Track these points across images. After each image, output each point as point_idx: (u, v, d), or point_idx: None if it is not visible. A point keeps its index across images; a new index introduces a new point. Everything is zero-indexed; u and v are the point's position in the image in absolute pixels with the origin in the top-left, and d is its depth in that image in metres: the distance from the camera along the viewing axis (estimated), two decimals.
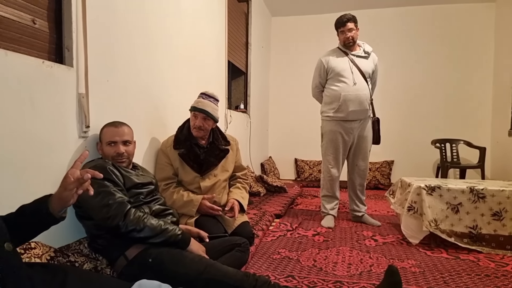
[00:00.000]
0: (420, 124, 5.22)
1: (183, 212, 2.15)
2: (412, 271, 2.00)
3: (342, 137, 2.94)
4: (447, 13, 5.10)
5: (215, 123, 2.29)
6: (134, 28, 2.11)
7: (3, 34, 1.38)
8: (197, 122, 2.19)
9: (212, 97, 2.28)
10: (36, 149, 1.46)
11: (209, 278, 1.43)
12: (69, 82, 1.62)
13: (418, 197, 2.43)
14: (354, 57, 2.92)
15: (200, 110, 2.19)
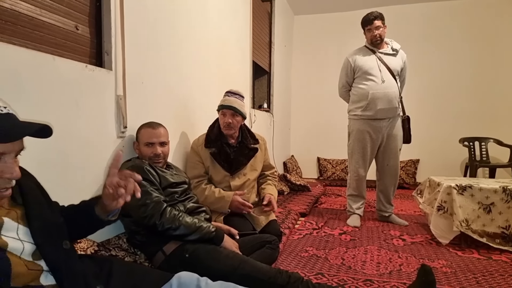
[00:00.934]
0: (447, 122, 5.11)
1: (215, 208, 2.18)
2: (444, 271, 1.99)
3: (370, 136, 2.92)
4: (475, 8, 4.97)
5: (243, 119, 2.32)
6: (164, 32, 2.17)
7: (50, 40, 1.46)
8: (226, 120, 2.23)
9: (237, 94, 2.32)
10: (79, 148, 1.54)
11: (244, 274, 1.48)
12: (108, 85, 1.70)
13: (448, 196, 2.41)
14: (382, 55, 2.90)
15: (227, 107, 2.23)
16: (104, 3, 1.69)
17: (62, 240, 0.99)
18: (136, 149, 1.81)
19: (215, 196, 2.18)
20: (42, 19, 1.42)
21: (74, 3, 1.57)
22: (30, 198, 0.97)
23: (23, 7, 1.34)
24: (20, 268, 0.86)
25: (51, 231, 0.97)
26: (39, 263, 0.91)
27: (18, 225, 0.91)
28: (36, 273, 0.90)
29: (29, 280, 0.88)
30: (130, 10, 1.80)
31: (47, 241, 0.94)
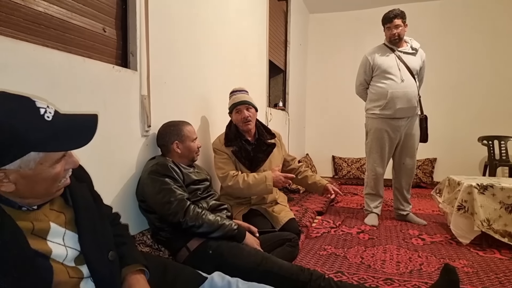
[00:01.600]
0: (465, 120, 5.04)
1: (259, 191, 2.16)
2: (465, 271, 1.98)
3: (388, 135, 2.91)
4: (494, 3, 4.87)
5: (256, 112, 2.37)
6: (185, 33, 2.21)
7: (80, 42, 1.51)
8: (242, 115, 2.26)
9: (242, 90, 2.38)
10: (107, 146, 1.59)
11: (266, 270, 1.50)
12: (133, 85, 1.74)
13: (469, 196, 2.39)
14: (401, 54, 2.88)
15: (239, 103, 2.27)
16: (129, 5, 1.73)
17: (108, 251, 0.99)
18: (178, 148, 1.83)
19: (255, 178, 2.15)
20: (73, 22, 1.47)
21: (102, 6, 1.62)
22: (81, 202, 0.96)
23: (55, 10, 1.39)
24: (62, 275, 0.86)
25: (98, 240, 0.96)
26: (81, 269, 0.91)
27: (65, 231, 0.91)
28: (77, 280, 0.90)
29: (69, 287, 0.88)
30: (154, 12, 1.84)
31: (94, 249, 0.93)
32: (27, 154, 0.76)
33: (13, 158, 0.76)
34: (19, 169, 0.77)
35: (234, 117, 2.32)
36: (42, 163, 0.79)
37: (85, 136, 0.85)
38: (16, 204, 0.82)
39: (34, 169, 0.79)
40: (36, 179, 0.80)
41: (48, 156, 0.80)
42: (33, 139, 0.76)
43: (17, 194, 0.80)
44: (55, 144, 0.80)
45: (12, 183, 0.78)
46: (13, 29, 1.23)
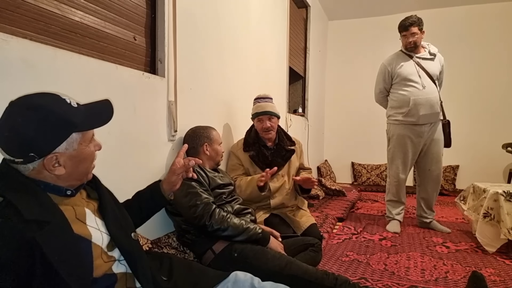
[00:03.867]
0: (489, 127, 4.93)
1: (250, 194, 2.16)
2: (492, 280, 1.94)
3: (411, 141, 2.88)
4: None
5: (278, 120, 2.39)
6: (210, 40, 2.26)
7: (113, 50, 1.57)
8: (264, 125, 2.29)
9: (267, 97, 2.40)
10: (136, 149, 1.64)
11: (291, 274, 1.51)
12: (161, 91, 1.80)
13: (495, 203, 2.34)
14: (420, 60, 2.86)
15: (262, 113, 2.30)
16: (158, 15, 1.80)
17: (131, 232, 1.08)
18: (207, 151, 1.89)
19: (246, 181, 2.19)
20: (106, 31, 1.54)
21: (133, 16, 1.68)
22: (102, 193, 1.05)
23: (90, 20, 1.46)
24: (99, 259, 0.93)
25: (121, 224, 1.05)
26: (112, 254, 0.98)
27: (95, 217, 0.99)
28: (111, 263, 0.97)
29: (105, 270, 0.95)
30: (181, 21, 1.90)
31: (120, 232, 1.01)
32: (70, 136, 0.86)
33: (61, 140, 0.85)
34: (65, 151, 0.87)
35: (256, 124, 2.35)
36: (81, 143, 0.90)
37: (107, 115, 0.98)
38: (62, 190, 0.90)
39: (77, 150, 0.89)
40: (79, 158, 0.90)
41: (85, 136, 0.91)
42: (73, 120, 0.87)
43: (67, 177, 0.89)
44: (88, 123, 0.91)
45: (62, 167, 0.87)
46: (52, 38, 1.30)
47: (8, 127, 0.82)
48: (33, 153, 0.82)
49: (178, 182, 1.26)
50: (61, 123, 0.85)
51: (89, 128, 0.92)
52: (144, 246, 1.59)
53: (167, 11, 1.81)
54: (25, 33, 1.20)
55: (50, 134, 0.84)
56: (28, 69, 1.14)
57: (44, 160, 0.84)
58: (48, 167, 0.85)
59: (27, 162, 0.83)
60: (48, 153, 0.84)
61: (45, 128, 0.83)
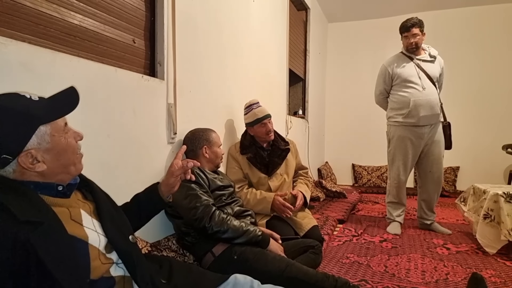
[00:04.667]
0: (489, 128, 4.93)
1: (258, 210, 2.23)
2: (493, 281, 1.93)
3: (411, 143, 2.88)
4: None
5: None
6: (210, 43, 2.27)
7: (113, 53, 1.58)
8: (268, 128, 2.34)
9: (257, 102, 2.43)
10: (135, 152, 1.64)
11: (290, 277, 1.51)
12: (160, 94, 1.80)
13: (495, 204, 2.34)
14: (420, 62, 2.86)
15: (265, 117, 2.34)
16: (158, 17, 1.80)
17: (129, 234, 1.06)
18: (206, 154, 1.90)
19: (257, 198, 2.24)
20: (105, 34, 1.54)
21: (132, 19, 1.69)
22: (98, 195, 1.04)
23: (89, 23, 1.47)
24: (97, 261, 0.92)
25: (119, 226, 1.04)
26: (110, 256, 0.97)
27: (92, 219, 0.97)
28: (108, 266, 0.96)
29: (102, 272, 0.94)
30: (180, 24, 1.91)
31: (117, 234, 1.00)
32: (38, 129, 0.84)
33: (27, 135, 0.83)
34: (39, 146, 0.85)
35: (258, 129, 2.35)
36: (53, 134, 0.87)
37: (72, 102, 0.94)
38: (53, 186, 0.89)
39: (51, 142, 0.87)
40: (57, 150, 0.88)
41: (55, 126, 0.88)
42: (35, 114, 0.84)
43: (51, 172, 0.88)
44: (53, 113, 0.88)
45: (41, 162, 0.86)
46: (52, 41, 1.31)
47: None
48: (5, 154, 0.81)
49: (176, 184, 1.25)
50: (23, 118, 0.83)
51: (54, 118, 0.88)
52: (143, 249, 1.58)
53: (166, 14, 1.81)
54: (24, 36, 1.20)
55: (15, 132, 0.82)
56: (27, 72, 1.15)
57: (19, 159, 0.83)
58: (26, 165, 0.84)
59: (3, 165, 0.82)
60: (20, 152, 0.83)
61: (8, 127, 0.81)
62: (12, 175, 0.84)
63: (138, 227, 1.28)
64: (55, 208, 0.86)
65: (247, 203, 2.21)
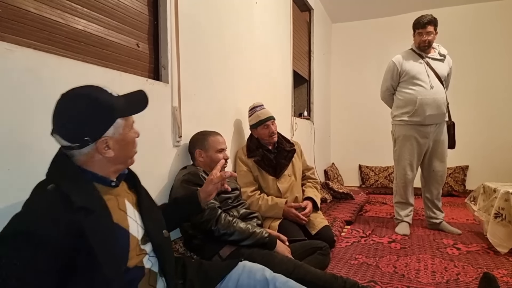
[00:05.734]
0: (498, 126, 4.86)
1: (271, 215, 2.26)
2: (505, 281, 1.90)
3: (417, 142, 2.85)
4: None
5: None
6: (214, 45, 2.27)
7: (117, 58, 1.58)
8: (271, 129, 2.37)
9: (261, 105, 2.47)
10: (141, 156, 1.63)
11: (299, 278, 1.47)
12: (165, 97, 1.80)
13: (506, 203, 2.30)
14: (430, 60, 2.83)
15: (267, 118, 2.37)
16: (161, 21, 1.81)
17: (162, 229, 1.14)
18: (201, 157, 1.88)
19: (268, 204, 2.26)
20: (110, 38, 1.55)
21: (136, 23, 1.70)
22: (140, 189, 1.13)
23: (93, 28, 1.48)
24: (134, 251, 0.99)
25: (155, 219, 1.12)
26: (144, 248, 1.03)
27: (134, 210, 1.06)
28: (142, 256, 1.02)
29: (136, 262, 1.00)
30: (184, 27, 1.91)
31: (154, 228, 1.08)
32: (116, 121, 0.97)
33: (107, 125, 0.95)
34: (113, 135, 0.97)
35: (261, 131, 2.39)
36: (125, 128, 1.00)
37: (144, 103, 1.08)
38: (107, 181, 1.00)
39: (122, 134, 0.99)
40: (124, 142, 1.00)
41: (127, 122, 1.01)
42: (117, 107, 0.97)
43: (114, 159, 0.99)
44: (130, 109, 1.02)
45: (111, 150, 0.97)
46: (56, 47, 1.32)
47: (64, 116, 0.93)
48: (87, 137, 0.92)
49: (213, 192, 1.34)
50: (107, 110, 0.95)
51: (130, 114, 1.02)
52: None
53: (169, 17, 1.82)
54: (30, 42, 1.21)
55: (99, 120, 0.94)
56: (33, 77, 1.15)
57: (97, 144, 0.94)
58: (100, 150, 0.95)
59: (82, 146, 0.93)
60: (100, 137, 0.94)
61: (95, 115, 0.93)
62: (81, 158, 0.95)
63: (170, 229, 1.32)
64: (105, 196, 0.96)
65: (259, 209, 2.22)
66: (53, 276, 0.81)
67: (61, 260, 0.82)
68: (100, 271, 0.85)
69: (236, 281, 1.20)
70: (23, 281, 0.78)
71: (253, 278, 1.20)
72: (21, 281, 0.78)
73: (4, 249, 0.80)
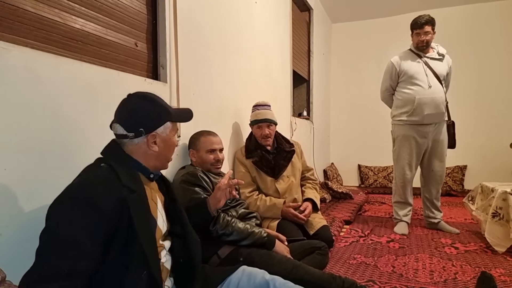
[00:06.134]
0: (496, 126, 4.87)
1: (269, 216, 2.26)
2: (502, 280, 1.90)
3: (416, 141, 2.86)
4: None
5: (276, 126, 2.45)
6: (213, 45, 2.27)
7: (115, 57, 1.58)
8: (263, 132, 2.36)
9: (265, 105, 2.46)
10: None
11: (297, 278, 1.48)
12: (164, 97, 1.76)
13: (504, 202, 2.30)
14: (428, 60, 2.84)
15: (262, 120, 2.36)
16: (159, 21, 1.81)
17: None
18: (193, 157, 1.89)
19: (266, 205, 2.26)
20: (108, 38, 1.55)
21: (134, 22, 1.69)
22: (170, 191, 1.24)
23: (91, 27, 1.47)
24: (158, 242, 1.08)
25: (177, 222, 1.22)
26: (163, 243, 1.13)
27: (162, 207, 1.17)
28: (161, 249, 1.11)
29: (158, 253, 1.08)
30: (183, 26, 1.91)
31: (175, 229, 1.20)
32: (166, 123, 1.11)
33: (160, 123, 1.10)
34: (161, 134, 1.11)
35: (255, 130, 2.41)
36: (171, 131, 1.14)
37: (189, 116, 1.24)
38: (148, 172, 1.12)
39: (168, 135, 1.13)
40: (168, 143, 1.14)
41: (174, 126, 1.16)
42: (170, 111, 1.13)
43: (157, 156, 1.11)
44: (178, 117, 1.19)
45: (157, 146, 1.10)
46: (54, 46, 1.31)
47: (127, 110, 1.10)
48: (142, 128, 1.06)
49: (222, 198, 1.45)
50: (162, 110, 1.11)
51: (178, 120, 1.20)
52: None
53: (168, 16, 1.82)
54: (27, 41, 1.21)
55: (155, 117, 1.09)
56: (30, 77, 1.15)
57: (148, 137, 1.08)
58: (149, 143, 1.08)
59: (136, 136, 1.06)
60: (152, 131, 1.08)
61: (153, 112, 1.09)
62: (131, 146, 1.08)
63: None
64: (144, 185, 1.08)
65: (257, 210, 2.22)
66: (101, 241, 0.91)
67: (109, 227, 0.92)
68: (137, 245, 0.94)
69: (236, 285, 1.22)
70: (77, 241, 0.87)
71: (252, 281, 1.22)
72: (75, 242, 0.87)
73: (63, 210, 0.90)
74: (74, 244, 0.87)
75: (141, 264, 0.96)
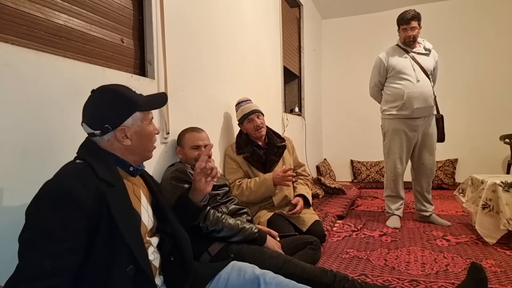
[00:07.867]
0: (485, 119, 4.92)
1: (262, 192, 2.24)
2: (493, 271, 1.92)
3: (406, 135, 2.87)
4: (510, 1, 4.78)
5: (264, 118, 2.45)
6: (202, 41, 2.25)
7: (100, 53, 1.56)
8: (255, 123, 2.36)
9: (247, 100, 2.47)
10: None
11: (288, 273, 1.48)
12: (151, 93, 1.77)
13: (493, 194, 2.32)
14: (415, 54, 2.86)
15: (251, 112, 2.37)
16: (146, 16, 1.78)
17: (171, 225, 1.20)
18: (179, 154, 1.88)
19: (257, 182, 2.24)
20: (92, 33, 1.52)
21: (120, 18, 1.67)
22: (155, 184, 1.22)
23: (75, 23, 1.45)
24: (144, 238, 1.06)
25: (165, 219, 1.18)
26: (150, 239, 1.10)
27: (147, 202, 1.14)
28: (148, 245, 1.07)
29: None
30: (170, 22, 1.89)
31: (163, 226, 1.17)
32: (134, 114, 1.06)
33: (127, 115, 1.05)
34: (131, 126, 1.06)
35: (247, 126, 2.39)
36: (143, 121, 1.09)
37: (162, 101, 1.21)
38: (127, 165, 1.08)
39: (140, 126, 1.08)
40: (142, 134, 1.09)
41: (146, 116, 1.11)
42: (137, 101, 1.07)
43: (132, 149, 1.08)
44: (148, 105, 1.12)
45: (128, 139, 1.06)
46: (36, 42, 1.29)
47: (91, 107, 1.05)
48: (107, 124, 1.02)
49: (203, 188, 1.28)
50: (127, 102, 1.06)
51: (148, 109, 1.12)
52: None
53: (155, 12, 1.79)
54: (7, 37, 1.18)
55: (119, 110, 1.05)
56: (10, 73, 1.12)
57: (116, 132, 1.04)
58: (118, 138, 1.04)
59: (103, 133, 1.03)
60: (118, 126, 1.04)
61: (116, 105, 1.05)
62: (103, 143, 1.05)
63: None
64: (124, 179, 1.05)
65: (250, 192, 2.21)
66: (83, 236, 0.89)
67: (89, 221, 0.90)
68: (121, 239, 0.92)
69: (226, 281, 1.20)
70: (57, 236, 0.85)
71: (242, 276, 1.21)
72: (55, 236, 0.85)
73: (39, 208, 0.88)
74: (54, 239, 0.84)
75: (126, 257, 0.94)
